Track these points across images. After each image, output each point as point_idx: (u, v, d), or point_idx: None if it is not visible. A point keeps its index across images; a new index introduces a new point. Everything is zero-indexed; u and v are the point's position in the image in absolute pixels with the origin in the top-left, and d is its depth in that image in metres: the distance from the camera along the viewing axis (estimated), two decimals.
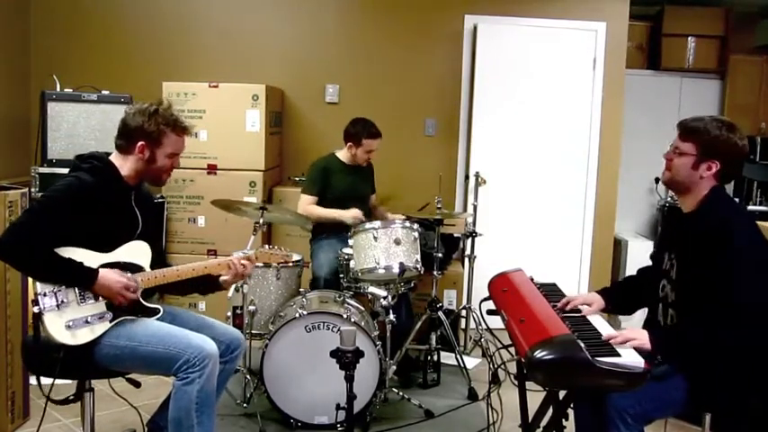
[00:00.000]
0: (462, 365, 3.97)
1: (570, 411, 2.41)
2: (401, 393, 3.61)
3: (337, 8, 5.18)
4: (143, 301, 2.53)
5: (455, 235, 4.82)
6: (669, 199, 5.56)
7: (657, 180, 5.78)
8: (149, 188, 2.78)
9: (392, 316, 3.47)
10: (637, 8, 5.25)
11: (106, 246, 2.48)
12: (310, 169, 4.25)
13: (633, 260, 5.35)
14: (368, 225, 3.70)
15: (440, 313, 3.96)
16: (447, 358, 4.11)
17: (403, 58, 5.18)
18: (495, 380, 3.30)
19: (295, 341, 3.26)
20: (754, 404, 2.30)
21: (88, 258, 2.41)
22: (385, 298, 3.52)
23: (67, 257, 2.37)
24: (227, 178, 4.62)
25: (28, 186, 3.61)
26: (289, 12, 5.18)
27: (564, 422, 2.39)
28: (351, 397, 2.35)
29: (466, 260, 4.72)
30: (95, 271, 2.39)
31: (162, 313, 2.57)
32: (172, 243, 4.63)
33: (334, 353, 2.35)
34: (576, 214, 5.24)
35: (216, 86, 4.63)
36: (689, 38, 5.68)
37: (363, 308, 3.65)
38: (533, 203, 5.19)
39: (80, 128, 4.22)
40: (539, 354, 2.02)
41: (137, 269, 2.53)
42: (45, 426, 2.71)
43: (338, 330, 2.74)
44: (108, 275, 2.41)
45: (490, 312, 2.61)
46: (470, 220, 4.68)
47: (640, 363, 2.02)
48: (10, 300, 3.05)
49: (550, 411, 2.44)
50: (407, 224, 3.75)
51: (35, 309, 2.33)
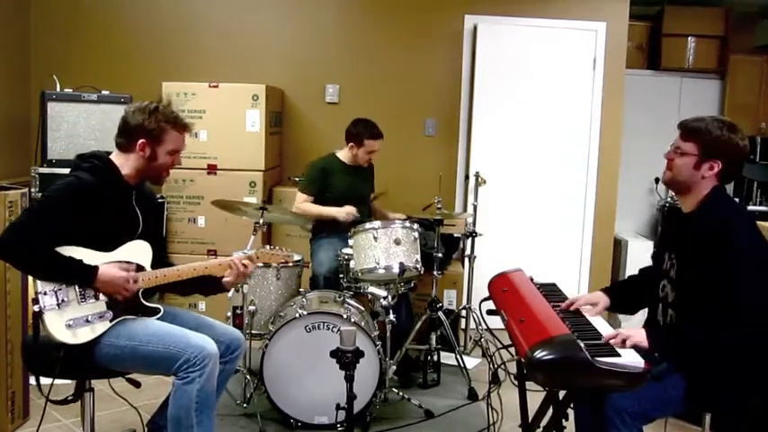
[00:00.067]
0: (462, 365, 3.97)
1: (570, 411, 2.41)
2: (401, 393, 3.61)
3: (337, 8, 5.18)
4: (143, 301, 2.53)
5: (455, 235, 4.81)
6: (669, 199, 5.55)
7: (657, 180, 5.78)
8: (151, 187, 2.78)
9: (392, 316, 3.47)
10: (637, 8, 5.25)
11: (107, 245, 2.48)
12: (309, 169, 4.24)
13: (633, 260, 5.36)
14: (368, 225, 3.70)
15: (440, 313, 3.96)
16: (447, 358, 4.11)
17: (403, 58, 5.18)
18: (495, 380, 3.30)
19: (295, 341, 3.26)
20: (754, 404, 2.30)
21: (89, 257, 2.41)
22: (385, 298, 3.52)
23: (67, 256, 2.37)
24: (227, 178, 4.62)
25: (28, 186, 3.61)
26: (289, 12, 5.18)
27: (564, 422, 2.39)
28: (351, 397, 2.35)
29: (466, 260, 4.72)
30: (95, 267, 2.39)
31: (162, 313, 2.57)
32: (172, 243, 4.63)
33: (334, 353, 2.35)
34: (576, 214, 5.24)
35: (216, 86, 4.63)
36: (689, 38, 5.68)
37: (363, 308, 3.65)
38: (533, 203, 5.19)
39: (80, 128, 4.22)
40: (539, 354, 2.02)
41: (138, 269, 2.53)
42: (45, 426, 2.71)
43: (338, 330, 2.74)
44: (109, 270, 2.42)
45: (490, 312, 2.61)
46: (470, 220, 4.68)
47: (640, 363, 2.03)
48: (10, 300, 3.05)
49: (550, 411, 2.44)
50: (407, 224, 3.75)
51: (35, 307, 2.33)
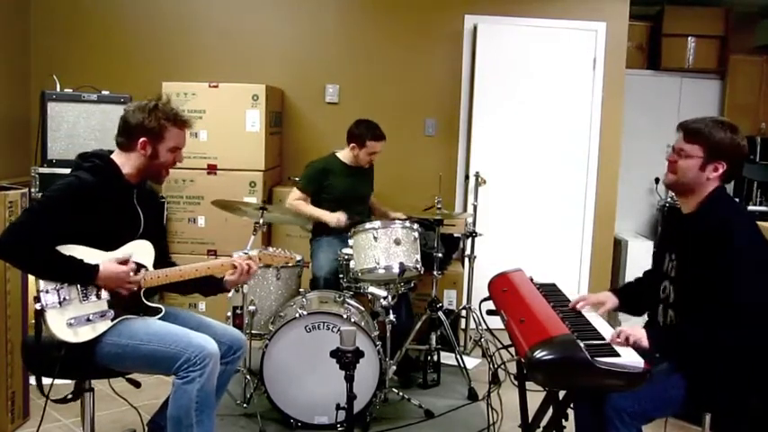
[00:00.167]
0: (462, 365, 3.97)
1: (570, 411, 2.41)
2: (401, 393, 3.61)
3: (337, 8, 5.18)
4: (145, 300, 2.53)
5: (455, 235, 4.81)
6: (669, 199, 5.55)
7: (657, 180, 5.78)
8: (152, 186, 2.78)
9: (392, 316, 3.47)
10: (637, 8, 5.25)
11: (108, 245, 2.48)
12: (308, 168, 4.23)
13: (633, 260, 5.36)
14: (368, 225, 3.70)
15: (440, 313, 3.96)
16: (447, 358, 4.11)
17: (403, 58, 5.18)
18: (495, 380, 3.29)
19: (295, 341, 3.26)
20: (754, 404, 2.30)
21: (90, 257, 2.41)
22: (385, 298, 3.51)
23: (68, 255, 2.37)
24: (227, 178, 4.62)
25: (28, 186, 3.62)
26: (289, 12, 5.18)
27: (564, 422, 2.39)
28: (351, 397, 2.35)
29: (466, 260, 4.72)
30: (96, 266, 2.39)
31: (163, 313, 2.57)
32: (172, 243, 4.63)
33: (334, 353, 2.35)
34: (576, 214, 5.23)
35: (216, 86, 4.63)
36: (689, 38, 5.68)
37: (363, 308, 3.65)
38: (533, 203, 5.19)
39: (80, 128, 4.22)
40: (539, 354, 2.02)
41: (140, 268, 2.52)
42: (45, 426, 2.71)
43: (338, 330, 2.75)
44: (109, 266, 2.41)
45: (490, 312, 2.62)
46: (470, 220, 4.68)
47: (640, 363, 2.03)
48: (10, 300, 3.05)
49: (550, 411, 2.44)
50: (407, 224, 3.75)
51: (37, 306, 2.32)
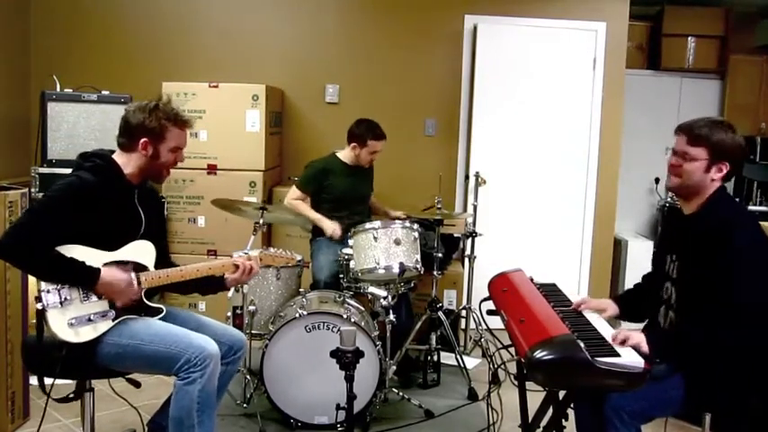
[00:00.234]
0: (462, 365, 3.97)
1: (570, 411, 2.41)
2: (401, 393, 3.61)
3: (337, 8, 5.18)
4: (146, 301, 2.53)
5: (455, 235, 4.81)
6: (669, 199, 5.55)
7: (657, 180, 5.78)
8: (153, 185, 2.78)
9: (392, 316, 3.47)
10: (637, 8, 5.25)
11: (110, 245, 2.47)
12: (308, 168, 4.23)
13: (633, 260, 5.36)
14: (368, 225, 3.70)
15: (440, 313, 3.96)
16: (447, 358, 4.11)
17: (403, 58, 5.18)
18: (495, 380, 3.29)
19: (295, 341, 3.26)
20: (754, 404, 2.30)
21: (92, 257, 2.41)
22: (385, 298, 3.52)
23: (70, 257, 2.36)
24: (227, 178, 4.62)
25: (28, 186, 3.62)
26: (289, 12, 5.18)
27: (564, 422, 2.39)
28: (351, 397, 2.35)
29: (466, 260, 4.72)
30: (97, 270, 2.39)
31: (164, 313, 2.57)
32: (172, 243, 4.63)
33: (334, 353, 2.35)
34: (576, 214, 5.24)
35: (216, 86, 4.63)
36: (689, 38, 5.67)
37: (363, 308, 3.65)
38: (533, 203, 5.19)
39: (80, 128, 4.23)
40: (539, 354, 2.02)
41: (141, 268, 2.52)
42: (45, 426, 2.71)
43: (338, 330, 2.75)
44: (111, 273, 2.41)
45: (490, 312, 2.61)
46: (470, 221, 4.68)
47: (640, 363, 2.03)
48: (10, 300, 3.05)
49: (550, 411, 2.44)
50: (407, 224, 3.75)
51: (38, 305, 2.32)
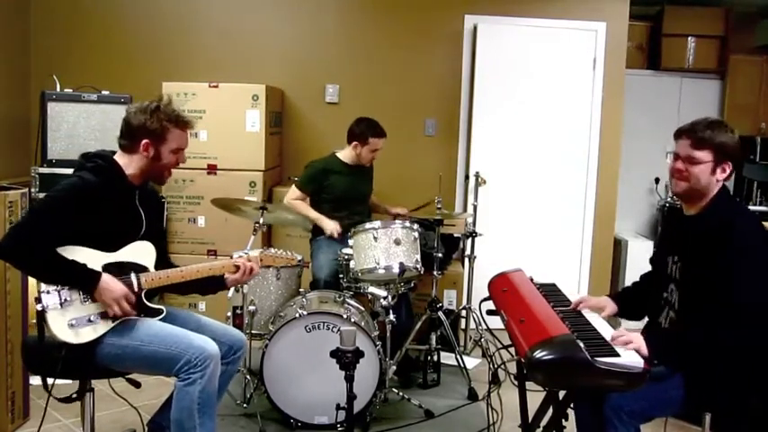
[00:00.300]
0: (462, 365, 3.97)
1: (570, 411, 2.41)
2: (401, 393, 3.61)
3: (337, 8, 5.18)
4: (146, 301, 2.52)
5: (455, 235, 4.81)
6: (669, 199, 5.55)
7: (657, 180, 5.78)
8: (153, 186, 2.78)
9: (392, 316, 3.47)
10: (637, 8, 5.25)
11: (110, 246, 2.47)
12: (309, 168, 4.23)
13: (633, 260, 5.36)
14: (368, 225, 3.70)
15: (440, 313, 3.96)
16: (447, 358, 4.11)
17: (403, 58, 5.18)
18: (495, 380, 3.30)
19: (295, 341, 3.26)
20: (754, 404, 2.30)
21: (92, 258, 2.41)
22: (385, 298, 3.52)
23: (70, 259, 2.35)
24: (227, 178, 4.62)
25: (28, 186, 3.61)
26: (289, 12, 5.18)
27: (564, 422, 2.39)
28: (351, 397, 2.35)
29: (466, 260, 4.72)
30: (98, 274, 2.38)
31: (164, 314, 2.57)
32: (172, 243, 4.63)
33: (334, 353, 2.35)
34: (576, 214, 5.24)
35: (216, 86, 4.63)
36: (689, 38, 5.67)
37: (363, 308, 3.65)
38: (533, 203, 5.19)
39: (80, 128, 4.22)
40: (539, 354, 2.02)
41: (141, 269, 2.52)
42: (45, 426, 2.71)
43: (338, 330, 2.75)
44: (111, 281, 2.40)
45: (490, 312, 2.61)
46: (470, 220, 4.68)
47: (640, 363, 2.03)
48: (10, 300, 3.05)
49: (550, 411, 2.44)
50: (407, 224, 3.75)
51: (38, 306, 2.32)
